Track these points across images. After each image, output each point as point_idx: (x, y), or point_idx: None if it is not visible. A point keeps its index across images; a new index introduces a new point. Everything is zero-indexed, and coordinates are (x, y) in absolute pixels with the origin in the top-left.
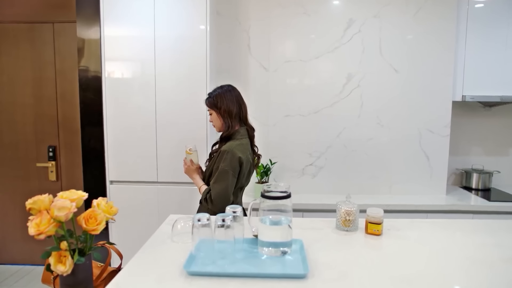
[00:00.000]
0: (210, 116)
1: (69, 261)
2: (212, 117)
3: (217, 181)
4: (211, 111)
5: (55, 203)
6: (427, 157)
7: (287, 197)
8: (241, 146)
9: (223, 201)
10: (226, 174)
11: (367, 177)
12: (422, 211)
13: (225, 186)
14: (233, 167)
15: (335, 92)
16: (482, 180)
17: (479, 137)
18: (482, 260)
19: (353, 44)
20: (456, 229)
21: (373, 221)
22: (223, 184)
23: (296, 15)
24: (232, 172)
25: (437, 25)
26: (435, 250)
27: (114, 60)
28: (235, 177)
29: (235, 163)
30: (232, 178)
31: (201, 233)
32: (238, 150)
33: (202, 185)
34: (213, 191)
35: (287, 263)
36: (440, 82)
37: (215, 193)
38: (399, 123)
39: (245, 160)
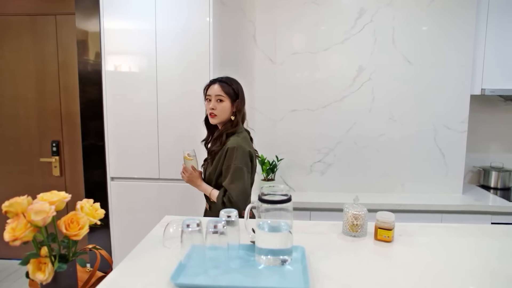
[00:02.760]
0: (216, 103)
1: (49, 269)
2: (220, 106)
3: (234, 180)
4: (223, 98)
5: (32, 206)
6: (442, 154)
7: (287, 201)
8: (246, 140)
9: (245, 200)
10: (241, 172)
11: (378, 175)
12: (436, 211)
13: (243, 184)
14: (246, 163)
15: (345, 86)
16: (501, 178)
17: (499, 133)
18: (503, 272)
19: (365, 34)
20: (474, 234)
21: (383, 226)
22: (240, 183)
23: (304, 5)
24: (246, 168)
25: (455, 14)
26: (451, 260)
27: (114, 53)
28: (249, 173)
29: (247, 158)
30: (247, 175)
31: (192, 240)
32: (246, 145)
33: (212, 189)
34: (233, 192)
35: (286, 274)
36: (457, 74)
37: (236, 193)
38: (413, 118)
39: (253, 154)
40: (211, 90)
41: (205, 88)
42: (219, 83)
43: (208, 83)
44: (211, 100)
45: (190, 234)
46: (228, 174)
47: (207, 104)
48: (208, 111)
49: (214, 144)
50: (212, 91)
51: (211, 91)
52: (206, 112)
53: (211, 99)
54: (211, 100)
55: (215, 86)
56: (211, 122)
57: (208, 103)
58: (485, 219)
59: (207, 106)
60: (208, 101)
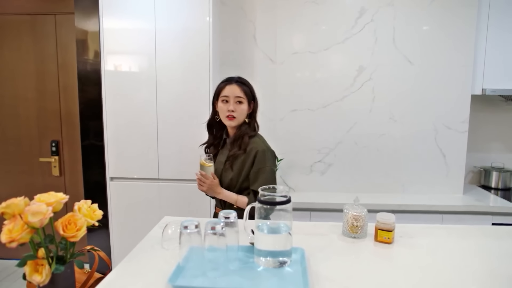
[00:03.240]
0: (236, 105)
1: (46, 270)
2: (240, 108)
3: (270, 182)
4: (242, 100)
5: (29, 208)
6: (443, 154)
7: (287, 202)
8: (267, 142)
9: None
10: (274, 174)
11: (378, 175)
12: (437, 212)
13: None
14: (275, 166)
15: (346, 86)
16: (502, 178)
17: (500, 133)
18: (504, 274)
19: (365, 34)
20: (474, 236)
21: (383, 227)
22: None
23: (305, 4)
24: (275, 170)
25: (456, 13)
26: (451, 261)
27: (113, 53)
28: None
29: (275, 160)
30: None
31: (190, 241)
32: (269, 146)
33: (238, 196)
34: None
35: (285, 277)
36: (458, 74)
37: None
38: (414, 118)
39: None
40: (228, 90)
41: (219, 88)
42: (237, 84)
43: (222, 82)
44: (229, 102)
45: (188, 235)
46: (259, 177)
47: (223, 105)
48: (225, 113)
49: (233, 148)
50: (230, 91)
51: (229, 92)
52: (221, 115)
53: (229, 101)
54: (229, 102)
55: (233, 87)
56: (228, 124)
57: (224, 105)
58: (486, 220)
59: (223, 107)
60: (224, 102)
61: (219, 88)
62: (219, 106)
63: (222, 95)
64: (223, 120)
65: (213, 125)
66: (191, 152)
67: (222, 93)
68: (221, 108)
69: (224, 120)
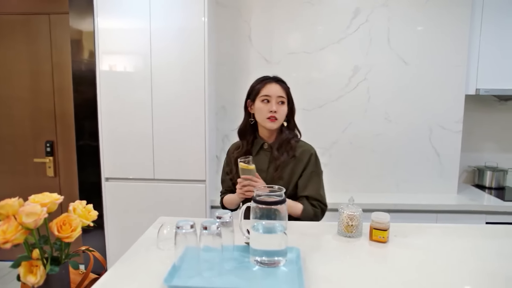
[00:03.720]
0: (278, 105)
1: (41, 271)
2: (281, 109)
3: (321, 188)
4: (284, 100)
5: (23, 208)
6: (437, 154)
7: (282, 202)
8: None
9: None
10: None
11: (373, 175)
12: (431, 211)
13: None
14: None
15: (341, 86)
16: (496, 178)
17: (494, 133)
18: (499, 272)
19: (360, 34)
20: (469, 235)
21: (378, 227)
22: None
23: (300, 5)
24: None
25: (450, 13)
26: (446, 260)
27: (108, 53)
28: None
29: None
30: None
31: (186, 241)
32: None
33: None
34: (324, 200)
35: (280, 276)
36: (452, 74)
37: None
38: (408, 118)
39: None
40: (269, 89)
41: (257, 88)
42: (278, 83)
43: (259, 81)
44: (270, 102)
45: (184, 235)
46: (312, 181)
47: (263, 105)
48: (265, 114)
49: (280, 155)
50: (271, 91)
51: (270, 91)
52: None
53: (270, 100)
54: (270, 102)
55: (274, 86)
56: (269, 126)
57: (265, 105)
58: (480, 219)
59: (263, 108)
60: (265, 102)
61: (257, 88)
62: (258, 106)
63: (263, 94)
64: (261, 121)
65: (246, 130)
66: (186, 152)
67: (262, 92)
68: (260, 109)
69: (263, 122)
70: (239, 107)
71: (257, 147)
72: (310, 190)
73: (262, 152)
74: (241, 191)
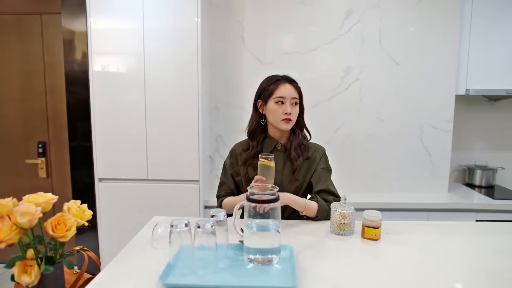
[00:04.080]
0: (292, 106)
1: (35, 271)
2: (295, 110)
3: (331, 184)
4: (297, 101)
5: (18, 208)
6: (428, 153)
7: (275, 200)
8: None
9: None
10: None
11: (366, 174)
12: (423, 210)
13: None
14: None
15: (333, 86)
16: (485, 177)
17: (483, 132)
18: (485, 269)
19: (352, 35)
20: (459, 232)
21: (370, 225)
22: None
23: (293, 5)
24: None
25: (441, 15)
26: (437, 257)
27: (101, 53)
28: None
29: None
30: None
31: (180, 240)
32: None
33: (307, 201)
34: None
35: (274, 274)
36: (442, 75)
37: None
38: (400, 118)
39: None
40: (284, 91)
41: (270, 89)
42: (291, 83)
43: (272, 82)
44: (285, 103)
45: (178, 234)
46: (323, 176)
47: (277, 107)
48: (280, 116)
49: (295, 157)
50: (286, 92)
51: (284, 92)
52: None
53: (285, 102)
54: (285, 103)
55: (288, 87)
56: (284, 128)
57: (280, 106)
58: (470, 217)
59: (277, 109)
60: (279, 104)
61: (270, 88)
62: (272, 107)
63: (277, 95)
64: (275, 123)
65: (256, 130)
66: (180, 152)
67: (276, 93)
68: (274, 110)
69: (277, 123)
70: (232, 107)
71: (269, 148)
72: (322, 184)
73: (275, 152)
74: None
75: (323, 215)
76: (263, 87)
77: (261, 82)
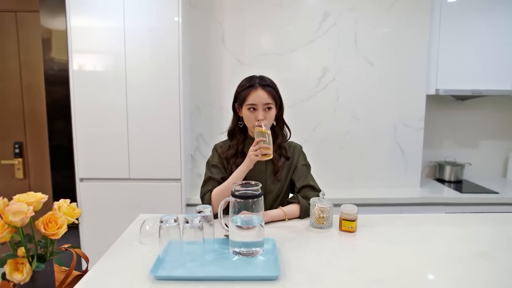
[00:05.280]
0: (265, 112)
1: (27, 269)
2: (269, 115)
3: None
4: (271, 106)
5: (10, 207)
6: (401, 150)
7: (259, 196)
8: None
9: None
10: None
11: (343, 171)
12: (397, 204)
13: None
14: None
15: (311, 86)
16: (454, 172)
17: (452, 130)
18: (454, 255)
19: (329, 37)
20: (429, 223)
21: (347, 218)
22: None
23: (272, 8)
24: None
25: (412, 18)
26: (408, 247)
27: (81, 52)
28: None
29: None
30: None
31: (169, 235)
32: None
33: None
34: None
35: (258, 265)
36: (414, 75)
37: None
38: (375, 117)
39: None
40: (254, 98)
41: (242, 95)
42: (262, 88)
43: (244, 87)
44: (257, 109)
45: (167, 229)
46: (303, 172)
47: (250, 114)
48: (253, 122)
49: (279, 157)
50: (257, 99)
51: (255, 99)
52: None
53: (257, 108)
54: (257, 109)
55: (259, 93)
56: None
57: (252, 113)
58: (440, 210)
59: (250, 116)
60: (251, 110)
61: (242, 95)
62: (246, 114)
63: (248, 103)
64: (251, 128)
65: (235, 132)
66: (161, 151)
67: (248, 101)
68: (248, 116)
69: (252, 128)
70: (213, 106)
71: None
72: (304, 180)
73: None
74: (256, 153)
75: (307, 214)
76: (238, 92)
77: (238, 85)
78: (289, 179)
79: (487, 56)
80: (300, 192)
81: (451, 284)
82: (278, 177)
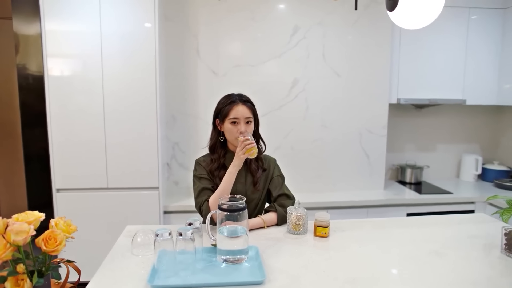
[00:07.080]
0: (246, 125)
1: (28, 284)
2: (250, 128)
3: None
4: (251, 120)
5: (12, 227)
6: (367, 156)
7: (244, 209)
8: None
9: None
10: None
11: (313, 176)
12: (363, 206)
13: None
14: None
15: (282, 96)
16: (414, 174)
17: (412, 135)
18: (414, 255)
19: (299, 49)
20: (392, 226)
21: (321, 224)
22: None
23: (244, 21)
24: None
25: (375, 33)
26: (376, 248)
27: (57, 57)
28: None
29: None
30: None
31: (163, 246)
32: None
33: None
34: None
35: (245, 270)
36: (378, 86)
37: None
38: (342, 124)
39: None
40: (237, 112)
41: (225, 110)
42: (244, 104)
43: (226, 103)
44: (239, 123)
45: (162, 242)
46: (279, 182)
47: (232, 127)
48: (235, 135)
49: (257, 169)
50: (239, 113)
51: (238, 113)
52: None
53: (239, 122)
54: (239, 123)
55: (241, 107)
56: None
57: (234, 126)
58: (402, 211)
59: (232, 129)
60: (233, 124)
61: (225, 110)
62: (228, 127)
63: (231, 117)
64: (232, 140)
65: (216, 146)
66: (139, 160)
67: (231, 115)
68: (230, 130)
69: (234, 141)
70: (188, 116)
71: (231, 161)
72: (279, 190)
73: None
74: (243, 151)
75: (284, 221)
76: (219, 108)
77: (218, 102)
78: (266, 189)
79: (441, 69)
80: (277, 200)
81: (412, 280)
82: (258, 187)
